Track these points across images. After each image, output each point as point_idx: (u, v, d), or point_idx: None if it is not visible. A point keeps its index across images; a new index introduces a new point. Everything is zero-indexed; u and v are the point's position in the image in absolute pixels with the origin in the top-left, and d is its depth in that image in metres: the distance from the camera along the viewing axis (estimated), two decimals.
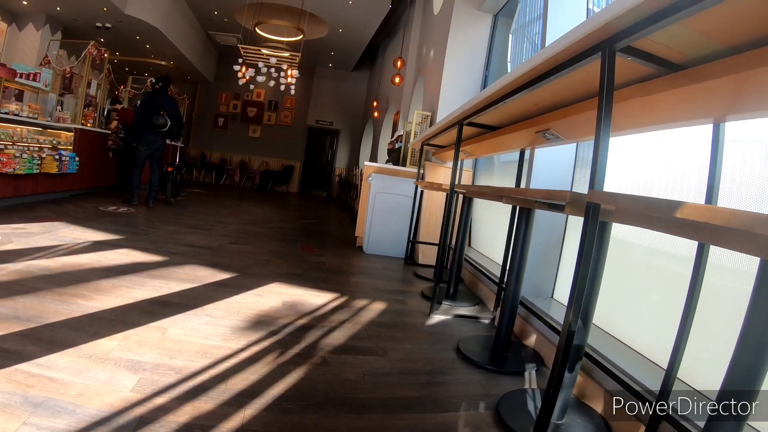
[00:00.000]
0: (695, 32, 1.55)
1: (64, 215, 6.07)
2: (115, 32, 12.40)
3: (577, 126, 2.61)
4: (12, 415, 1.71)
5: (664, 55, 1.77)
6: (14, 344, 2.30)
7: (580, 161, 3.74)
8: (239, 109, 19.55)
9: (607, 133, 1.71)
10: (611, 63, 1.71)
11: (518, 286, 2.95)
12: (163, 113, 8.14)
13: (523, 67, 2.19)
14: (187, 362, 2.38)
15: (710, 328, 2.08)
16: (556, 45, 1.87)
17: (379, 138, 14.49)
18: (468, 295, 4.53)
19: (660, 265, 2.64)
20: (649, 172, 2.93)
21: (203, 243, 5.61)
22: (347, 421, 2.02)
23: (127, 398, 1.95)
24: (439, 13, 8.07)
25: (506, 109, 2.99)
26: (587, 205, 1.73)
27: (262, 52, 12.94)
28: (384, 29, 14.67)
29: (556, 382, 1.83)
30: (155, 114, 8.06)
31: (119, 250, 4.58)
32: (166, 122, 8.12)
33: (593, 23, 1.63)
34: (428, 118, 7.35)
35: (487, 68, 6.88)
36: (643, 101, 1.99)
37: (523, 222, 2.89)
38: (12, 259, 3.78)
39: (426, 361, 2.85)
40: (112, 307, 3.01)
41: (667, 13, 1.43)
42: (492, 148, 4.39)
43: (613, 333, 2.84)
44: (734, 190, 2.11)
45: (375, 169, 6.67)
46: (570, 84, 2.30)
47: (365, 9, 12.25)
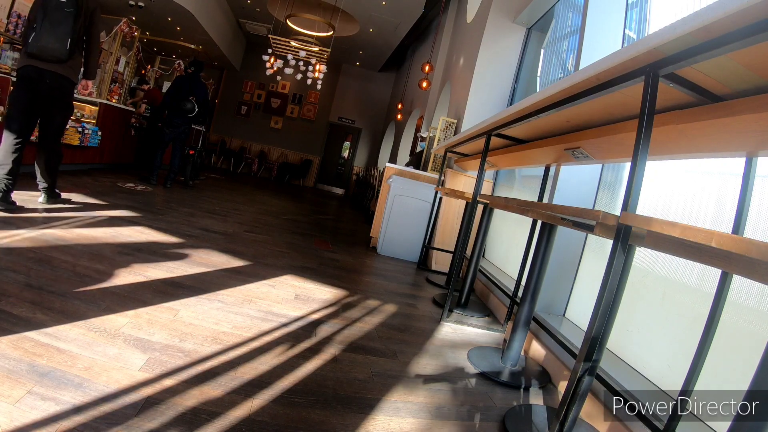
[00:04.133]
0: (741, 65, 1.54)
1: (82, 187, 6.11)
2: (147, 11, 12.47)
3: (608, 147, 2.60)
4: (17, 382, 1.72)
5: (707, 86, 1.76)
6: (24, 311, 2.30)
7: (604, 183, 3.72)
8: (263, 99, 19.64)
9: (645, 157, 1.70)
10: (654, 88, 1.70)
11: (533, 302, 2.93)
12: (193, 98, 8.21)
13: (563, 83, 2.18)
14: (197, 346, 2.38)
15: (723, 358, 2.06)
16: (599, 64, 1.86)
17: (401, 141, 14.48)
18: (479, 306, 4.50)
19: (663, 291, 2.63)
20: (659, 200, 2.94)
21: (218, 228, 5.63)
22: (354, 420, 2.02)
23: (134, 377, 1.95)
24: (472, 22, 8.06)
25: (537, 123, 2.97)
26: (618, 227, 1.72)
27: (292, 44, 12.99)
28: (414, 32, 14.69)
29: (569, 403, 1.82)
30: (185, 98, 8.12)
31: (135, 227, 4.60)
32: (194, 107, 8.20)
33: (640, 46, 1.62)
34: (453, 125, 7.34)
35: (516, 81, 6.85)
36: (679, 128, 1.97)
37: (545, 238, 2.87)
38: (28, 225, 3.81)
39: (435, 367, 2.83)
40: (124, 284, 3.02)
41: (716, 44, 1.42)
42: (517, 161, 4.37)
43: (614, 351, 2.83)
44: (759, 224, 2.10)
45: (396, 171, 6.67)
46: (607, 105, 2.29)
47: (398, 11, 12.25)
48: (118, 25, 9.46)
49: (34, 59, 4.26)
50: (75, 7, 4.32)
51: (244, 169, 19.32)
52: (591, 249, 3.65)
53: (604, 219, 1.76)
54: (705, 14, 1.34)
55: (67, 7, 4.28)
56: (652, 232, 1.70)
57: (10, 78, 5.69)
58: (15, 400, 1.61)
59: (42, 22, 4.21)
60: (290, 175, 19.36)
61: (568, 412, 1.84)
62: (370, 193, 11.74)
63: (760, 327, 1.99)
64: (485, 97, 6.89)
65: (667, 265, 2.68)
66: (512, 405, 2.53)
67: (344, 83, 20.01)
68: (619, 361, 2.82)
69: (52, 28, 4.23)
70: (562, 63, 5.48)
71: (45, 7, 4.23)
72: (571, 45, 5.11)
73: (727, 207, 2.34)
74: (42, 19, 4.22)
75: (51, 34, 4.23)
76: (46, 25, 4.22)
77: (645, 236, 1.73)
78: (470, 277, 4.27)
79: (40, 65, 4.27)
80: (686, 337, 2.36)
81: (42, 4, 4.25)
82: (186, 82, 8.29)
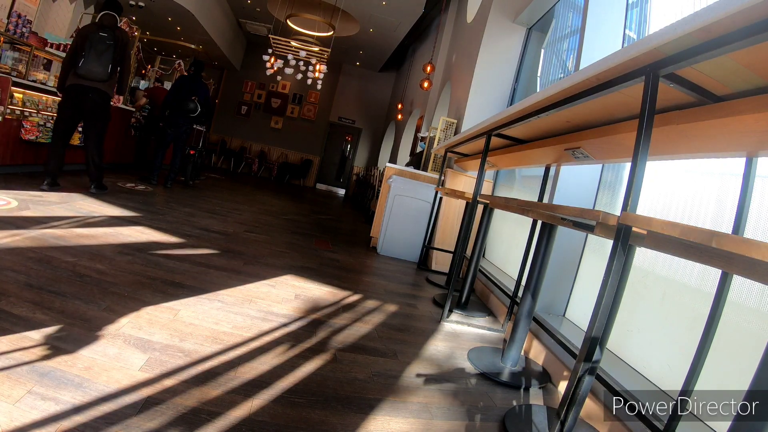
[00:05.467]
0: (741, 66, 1.53)
1: (82, 187, 6.11)
2: (147, 11, 12.47)
3: (609, 147, 2.59)
4: (17, 382, 1.72)
5: (707, 86, 1.76)
6: (24, 311, 2.31)
7: (604, 183, 3.72)
8: (263, 99, 19.66)
9: (645, 157, 1.70)
10: (654, 88, 1.69)
11: (533, 302, 2.93)
12: (194, 98, 8.26)
13: (563, 84, 2.18)
14: (197, 346, 2.38)
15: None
16: (599, 64, 1.86)
17: (401, 141, 14.48)
18: (479, 306, 4.51)
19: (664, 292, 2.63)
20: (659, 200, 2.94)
21: (218, 228, 5.64)
22: (354, 420, 2.01)
23: (135, 377, 1.95)
24: (473, 22, 8.06)
25: (538, 123, 2.97)
26: (618, 227, 1.72)
27: (292, 44, 12.99)
28: (415, 32, 14.69)
29: (569, 403, 1.82)
30: (187, 98, 8.17)
31: (135, 227, 4.61)
32: (197, 107, 8.27)
33: (640, 47, 1.62)
34: (453, 125, 7.34)
35: (516, 81, 6.86)
36: (679, 129, 1.97)
37: (545, 238, 2.87)
38: (28, 225, 3.81)
39: (435, 367, 2.83)
40: (124, 284, 3.02)
41: (717, 44, 1.42)
42: (517, 161, 4.37)
43: (614, 351, 2.83)
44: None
45: (396, 171, 6.66)
46: (607, 105, 2.29)
47: (398, 11, 12.25)
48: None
49: (81, 79, 5.62)
50: (114, 41, 5.74)
51: (244, 169, 19.33)
52: (591, 249, 3.65)
53: (604, 219, 1.75)
54: (705, 14, 1.34)
55: (108, 41, 5.69)
56: (652, 232, 1.69)
57: (10, 78, 5.76)
58: (15, 400, 1.61)
59: (89, 51, 5.60)
60: (290, 174, 19.37)
61: (568, 413, 1.84)
62: (370, 193, 11.75)
63: (760, 327, 1.99)
64: (486, 96, 6.89)
65: (667, 265, 2.68)
66: (512, 405, 2.53)
67: (344, 83, 20.02)
68: (619, 361, 2.82)
69: (97, 57, 5.63)
70: (562, 63, 5.48)
71: (91, 40, 5.61)
72: (571, 45, 5.11)
73: (727, 207, 2.34)
74: (89, 49, 5.59)
75: (96, 60, 5.63)
76: (93, 54, 5.62)
77: (645, 236, 1.73)
78: (470, 277, 4.27)
79: (86, 83, 5.63)
80: (686, 337, 2.36)
81: (89, 38, 5.61)
82: (187, 82, 8.33)
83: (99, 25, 5.73)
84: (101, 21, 5.78)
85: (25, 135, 6.02)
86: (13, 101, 5.95)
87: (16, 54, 6.78)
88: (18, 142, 5.99)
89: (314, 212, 10.63)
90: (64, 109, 5.67)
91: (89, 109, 5.74)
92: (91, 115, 5.82)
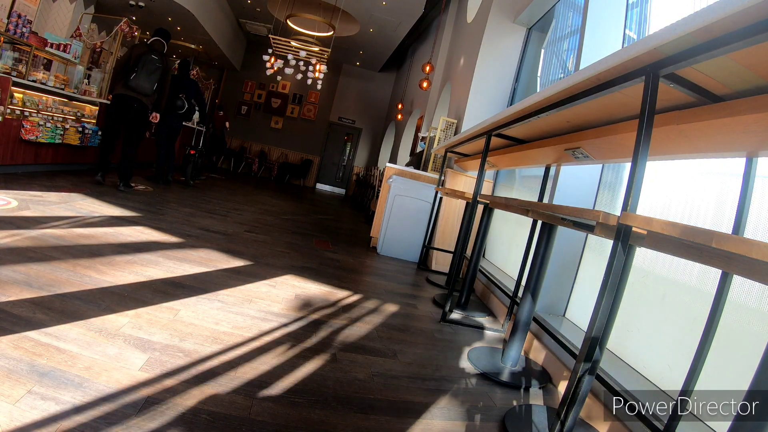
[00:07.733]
0: (741, 66, 1.53)
1: (82, 187, 6.12)
2: (147, 11, 12.46)
3: (609, 147, 2.59)
4: (17, 382, 1.72)
5: (707, 86, 1.76)
6: (24, 311, 2.31)
7: (604, 183, 3.72)
8: (263, 99, 19.63)
9: (645, 157, 1.70)
10: (654, 88, 1.69)
11: (533, 302, 2.93)
12: (182, 96, 8.44)
13: (563, 84, 2.18)
14: (198, 346, 2.38)
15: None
16: (600, 64, 1.86)
17: (401, 141, 14.47)
18: (479, 306, 4.51)
19: (664, 292, 2.63)
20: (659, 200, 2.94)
21: (218, 228, 5.64)
22: (354, 421, 2.02)
23: (135, 377, 1.95)
24: (473, 22, 8.06)
25: (538, 123, 2.97)
26: (618, 228, 1.72)
27: (292, 44, 12.97)
28: (415, 32, 14.68)
29: (569, 403, 1.82)
30: (174, 96, 8.33)
31: (135, 227, 4.61)
32: (184, 104, 8.50)
33: (640, 47, 1.62)
34: (453, 125, 7.34)
35: (516, 81, 6.85)
36: (679, 129, 1.97)
37: (545, 238, 2.87)
38: (28, 225, 3.81)
39: (435, 367, 2.83)
40: (124, 284, 3.02)
41: (717, 44, 1.42)
42: (517, 162, 4.36)
43: (614, 351, 2.83)
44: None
45: (396, 172, 6.66)
46: (607, 105, 2.29)
47: (398, 11, 12.24)
48: (118, 25, 9.46)
49: (130, 90, 6.56)
50: (162, 64, 6.81)
51: (244, 169, 19.31)
52: (591, 249, 3.65)
53: (604, 219, 1.75)
54: (705, 14, 1.34)
55: (157, 63, 6.73)
56: (652, 232, 1.69)
57: (11, 78, 5.77)
58: (15, 399, 1.62)
59: (141, 69, 6.55)
60: (291, 175, 19.35)
61: (568, 413, 1.84)
62: (371, 193, 11.74)
63: (760, 327, 1.99)
64: (486, 96, 6.89)
65: (668, 265, 2.68)
66: (512, 405, 2.53)
67: (345, 83, 19.99)
68: (619, 361, 2.82)
69: (147, 75, 6.62)
70: (562, 63, 5.48)
71: (144, 60, 6.59)
72: (571, 45, 5.10)
73: (727, 207, 2.34)
74: (141, 67, 6.55)
75: (145, 78, 6.60)
76: (143, 72, 6.59)
77: (645, 236, 1.73)
78: (470, 277, 4.27)
79: (133, 95, 6.59)
80: (686, 337, 2.35)
81: (142, 58, 6.58)
82: (174, 81, 8.46)
83: (150, 48, 6.78)
84: (152, 45, 6.89)
85: (25, 135, 6.02)
86: (13, 101, 5.97)
87: (16, 54, 6.77)
88: (18, 142, 5.99)
89: (314, 212, 10.63)
90: (110, 117, 6.80)
91: (134, 117, 6.71)
92: (134, 123, 6.77)
